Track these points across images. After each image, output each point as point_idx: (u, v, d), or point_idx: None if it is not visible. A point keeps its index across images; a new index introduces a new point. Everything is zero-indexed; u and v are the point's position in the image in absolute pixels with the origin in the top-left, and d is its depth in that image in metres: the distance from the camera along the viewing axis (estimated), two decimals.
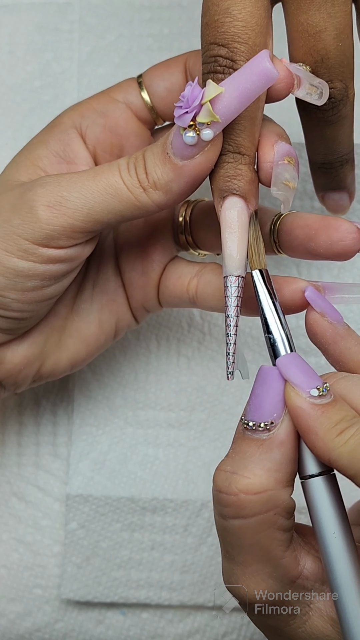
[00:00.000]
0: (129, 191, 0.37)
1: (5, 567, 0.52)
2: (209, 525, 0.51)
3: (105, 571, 0.51)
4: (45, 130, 0.43)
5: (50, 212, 0.37)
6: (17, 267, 0.38)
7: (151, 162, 0.37)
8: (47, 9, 0.53)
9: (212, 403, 0.52)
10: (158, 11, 0.53)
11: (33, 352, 0.43)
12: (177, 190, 0.37)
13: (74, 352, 0.44)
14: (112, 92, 0.43)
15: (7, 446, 0.52)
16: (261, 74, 0.34)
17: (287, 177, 0.37)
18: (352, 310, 0.51)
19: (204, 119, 0.35)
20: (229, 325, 0.37)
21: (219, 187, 0.37)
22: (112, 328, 0.45)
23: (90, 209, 0.37)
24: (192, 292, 0.44)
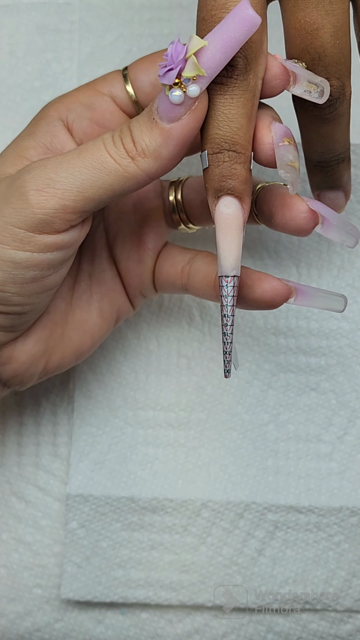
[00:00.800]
0: (116, 163, 0.37)
1: (5, 566, 0.52)
2: (209, 525, 0.51)
3: (105, 571, 0.51)
4: (32, 122, 0.43)
5: (40, 196, 0.37)
6: (14, 258, 0.37)
7: (138, 130, 0.36)
8: (47, 9, 0.54)
9: (211, 403, 0.52)
10: (158, 11, 0.53)
11: (39, 349, 0.43)
12: (166, 155, 0.36)
13: (78, 344, 0.45)
14: (98, 85, 0.43)
15: (7, 446, 0.52)
16: (243, 20, 0.34)
17: (291, 158, 0.37)
18: (352, 311, 0.51)
19: (189, 74, 0.34)
20: (226, 325, 0.38)
21: (213, 186, 0.37)
22: (113, 316, 0.46)
23: (79, 187, 0.37)
24: (184, 279, 0.44)
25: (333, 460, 0.51)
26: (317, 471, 0.51)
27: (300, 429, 0.51)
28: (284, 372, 0.52)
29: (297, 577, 0.50)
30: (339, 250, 0.52)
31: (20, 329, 0.41)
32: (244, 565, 0.51)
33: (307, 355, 0.51)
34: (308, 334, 0.51)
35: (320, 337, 0.51)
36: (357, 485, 0.51)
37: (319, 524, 0.50)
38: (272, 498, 0.51)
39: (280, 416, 0.51)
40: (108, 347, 0.52)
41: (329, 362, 0.51)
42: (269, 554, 0.51)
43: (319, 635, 0.51)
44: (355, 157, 0.51)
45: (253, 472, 0.51)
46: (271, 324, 0.52)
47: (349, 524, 0.50)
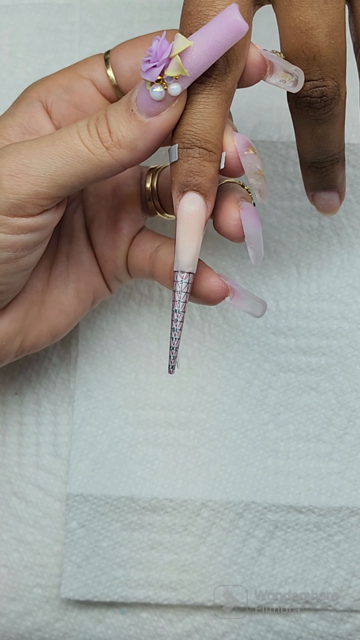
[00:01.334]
0: (90, 152, 0.37)
1: (6, 566, 0.52)
2: (209, 525, 0.51)
3: (105, 570, 0.51)
4: (14, 103, 0.43)
5: (13, 181, 0.37)
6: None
7: (114, 120, 0.36)
8: (47, 9, 0.54)
9: (212, 403, 0.52)
10: (158, 12, 0.53)
11: (14, 327, 0.43)
12: (142, 148, 0.37)
13: (54, 324, 0.45)
14: (78, 68, 0.43)
15: (7, 446, 0.52)
16: (231, 27, 0.34)
17: (258, 166, 0.38)
18: (352, 311, 0.51)
19: (172, 73, 0.35)
20: (176, 320, 0.38)
21: (180, 180, 0.37)
22: (89, 298, 0.46)
23: (52, 174, 0.37)
24: (150, 266, 0.44)
25: (333, 460, 0.51)
26: (317, 471, 0.51)
27: (300, 428, 0.51)
28: (284, 372, 0.52)
29: (297, 576, 0.51)
30: (339, 250, 0.52)
31: None
32: (243, 565, 0.51)
33: (307, 355, 0.52)
34: (308, 333, 0.51)
35: (320, 337, 0.51)
36: (357, 485, 0.51)
37: (318, 524, 0.50)
38: (272, 498, 0.51)
39: (280, 416, 0.51)
40: (108, 347, 0.52)
41: (329, 362, 0.51)
42: (268, 554, 0.51)
43: (319, 634, 0.51)
44: (354, 157, 0.51)
45: (253, 472, 0.51)
46: (271, 324, 0.52)
47: (348, 523, 0.50)
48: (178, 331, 0.38)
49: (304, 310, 0.52)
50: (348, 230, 0.52)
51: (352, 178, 0.52)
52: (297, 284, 0.52)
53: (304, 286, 0.52)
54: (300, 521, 0.51)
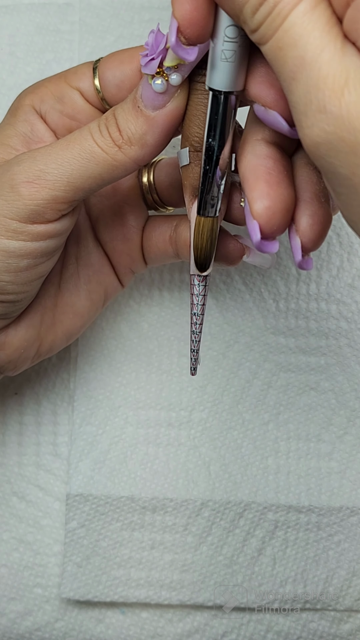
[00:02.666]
0: (104, 152, 0.37)
1: (6, 566, 0.52)
2: (209, 525, 0.51)
3: (105, 570, 0.51)
4: (10, 113, 0.43)
5: (32, 187, 0.37)
6: (8, 248, 0.38)
7: (123, 118, 0.37)
8: (47, 9, 0.54)
9: (212, 402, 0.52)
10: (158, 12, 0.53)
11: (31, 334, 0.43)
12: (152, 142, 0.37)
13: (69, 327, 0.45)
14: (69, 78, 0.43)
15: (7, 446, 0.52)
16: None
17: None
18: (351, 310, 0.51)
19: (170, 63, 0.35)
20: (195, 323, 0.38)
21: (193, 184, 0.37)
22: (101, 297, 0.46)
23: (69, 177, 0.37)
24: (174, 246, 0.45)
25: (333, 459, 0.51)
26: (317, 470, 0.51)
27: (301, 428, 0.51)
28: (284, 372, 0.52)
29: (297, 576, 0.51)
30: (338, 250, 0.52)
31: (13, 316, 0.42)
32: (244, 565, 0.51)
33: (306, 355, 0.52)
34: (307, 333, 0.51)
35: (319, 337, 0.51)
36: (357, 484, 0.51)
37: (319, 524, 0.51)
38: (272, 497, 0.51)
39: (281, 415, 0.51)
40: (109, 347, 0.52)
41: (328, 362, 0.51)
42: (269, 554, 0.51)
43: (319, 634, 0.51)
44: None
45: (253, 472, 0.51)
46: (271, 324, 0.52)
47: (349, 523, 0.50)
48: (198, 334, 0.38)
49: (304, 310, 0.52)
50: (347, 230, 0.52)
51: None
52: (296, 284, 0.52)
53: (303, 286, 0.52)
54: (300, 521, 0.51)
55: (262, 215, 0.34)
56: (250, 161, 0.34)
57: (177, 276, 0.52)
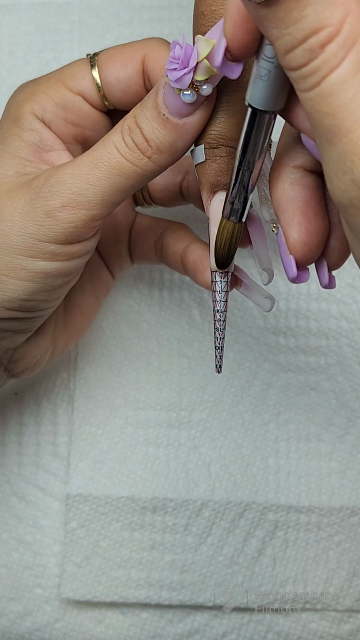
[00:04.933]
0: (134, 165, 0.37)
1: (6, 566, 0.52)
2: (209, 525, 0.51)
3: (105, 570, 0.51)
4: (12, 123, 0.42)
5: (68, 211, 0.37)
6: (46, 269, 0.38)
7: (148, 127, 0.36)
8: (47, 9, 0.54)
9: (212, 402, 0.52)
10: (158, 11, 0.53)
11: (47, 340, 0.44)
12: (182, 148, 0.37)
13: (78, 326, 0.46)
14: (67, 82, 0.42)
15: (7, 446, 0.52)
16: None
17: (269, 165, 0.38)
18: (352, 311, 0.51)
19: (202, 77, 0.34)
20: (219, 320, 0.38)
21: (210, 180, 0.37)
22: (103, 293, 0.47)
23: (102, 195, 0.37)
24: (158, 254, 0.45)
25: (333, 459, 0.51)
26: (317, 471, 0.51)
27: (301, 428, 0.51)
28: (284, 372, 0.52)
29: (297, 576, 0.51)
30: None
31: (36, 328, 0.42)
32: (244, 565, 0.51)
33: (307, 355, 0.52)
34: (308, 333, 0.51)
35: (320, 337, 0.51)
36: (357, 484, 0.51)
37: (319, 524, 0.51)
38: (272, 498, 0.51)
39: (281, 415, 0.51)
40: (109, 347, 0.52)
41: (328, 362, 0.51)
42: (269, 554, 0.51)
43: (319, 634, 0.51)
44: None
45: (253, 472, 0.51)
46: (271, 324, 0.52)
47: (349, 523, 0.50)
48: (222, 330, 0.38)
49: (304, 310, 0.52)
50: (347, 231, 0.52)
51: None
52: (297, 284, 0.52)
53: (303, 286, 0.52)
54: (300, 521, 0.51)
55: (299, 250, 0.34)
56: (287, 190, 0.34)
57: (177, 276, 0.52)
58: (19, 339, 0.41)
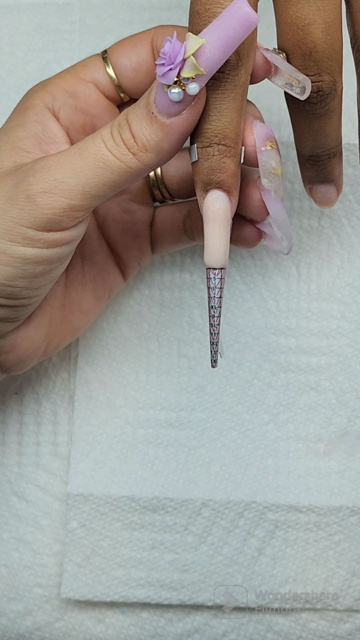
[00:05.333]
0: (118, 160, 0.37)
1: (6, 566, 0.52)
2: (209, 524, 0.51)
3: (106, 570, 0.51)
4: (19, 113, 0.43)
5: (48, 197, 0.37)
6: (25, 255, 0.38)
7: (137, 124, 0.37)
8: (47, 9, 0.54)
9: (212, 403, 0.52)
10: (158, 12, 0.53)
11: (40, 334, 0.44)
12: (168, 148, 0.37)
13: (76, 324, 0.46)
14: (79, 72, 0.43)
15: (7, 445, 0.52)
16: (241, 20, 0.34)
17: (274, 164, 0.38)
18: (352, 310, 0.51)
19: (188, 74, 0.34)
20: (214, 316, 0.38)
21: (202, 179, 0.37)
22: (106, 294, 0.47)
23: (84, 186, 0.37)
24: (189, 232, 0.46)
25: (333, 459, 0.51)
26: (317, 470, 0.51)
27: (300, 428, 0.51)
28: (284, 372, 0.52)
29: (297, 576, 0.51)
30: (339, 250, 0.52)
31: (22, 318, 0.42)
32: (244, 565, 0.51)
33: (307, 355, 0.52)
34: (308, 333, 0.51)
35: (320, 337, 0.51)
36: (356, 484, 0.51)
37: (319, 523, 0.51)
38: (272, 497, 0.51)
39: (280, 415, 0.51)
40: (109, 347, 0.52)
41: (329, 362, 0.51)
42: (269, 553, 0.51)
43: (319, 634, 0.51)
44: (354, 157, 0.52)
45: (253, 472, 0.51)
46: (271, 324, 0.52)
47: (348, 523, 0.50)
48: (216, 326, 0.38)
49: (304, 310, 0.52)
50: (348, 230, 0.52)
51: (352, 178, 0.52)
52: (297, 284, 0.52)
53: (304, 286, 0.52)
54: (300, 521, 0.51)
55: None
56: None
57: (177, 276, 0.52)
58: (4, 327, 0.41)
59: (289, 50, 0.37)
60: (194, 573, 0.51)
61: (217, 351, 0.39)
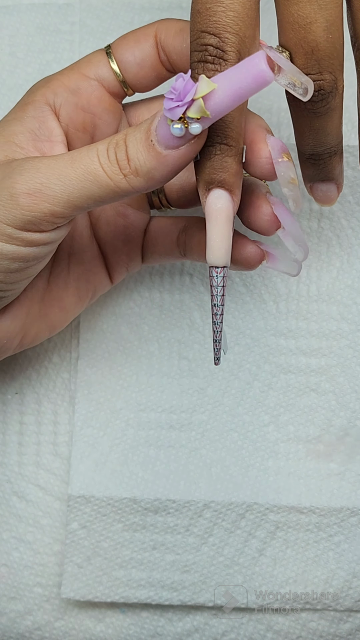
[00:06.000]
0: (108, 178, 0.37)
1: (6, 565, 0.52)
2: (211, 525, 0.51)
3: (106, 571, 0.51)
4: (19, 107, 0.43)
5: (31, 199, 0.37)
6: (1, 250, 0.38)
7: (134, 148, 0.36)
8: (47, 10, 0.53)
9: (212, 405, 0.52)
10: (158, 12, 0.53)
11: (16, 325, 0.43)
12: (158, 177, 0.37)
13: (54, 321, 0.45)
14: (83, 68, 0.43)
15: (8, 445, 0.52)
16: (257, 76, 0.34)
17: (292, 175, 0.38)
18: (351, 312, 0.52)
19: (194, 115, 0.34)
20: (216, 314, 0.38)
21: (204, 178, 0.37)
22: (88, 295, 0.47)
23: (69, 195, 0.37)
24: (181, 247, 0.46)
25: (333, 461, 0.51)
26: (317, 472, 0.51)
27: (301, 429, 0.51)
28: (284, 373, 0.52)
29: (297, 577, 0.51)
30: (338, 251, 0.52)
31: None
32: (244, 565, 0.51)
33: (307, 356, 0.52)
34: (308, 335, 0.52)
35: (320, 338, 0.52)
36: (357, 485, 0.51)
37: (319, 524, 0.51)
38: (273, 499, 0.51)
39: (281, 417, 0.52)
40: (109, 349, 0.52)
41: (329, 363, 0.51)
42: (269, 554, 0.51)
43: (319, 634, 0.51)
44: (354, 159, 0.52)
45: (254, 473, 0.51)
46: (271, 325, 0.52)
47: (349, 524, 0.51)
48: (219, 324, 0.39)
49: (304, 311, 0.52)
50: (348, 231, 0.52)
51: (351, 180, 0.52)
52: (296, 286, 0.52)
53: (303, 287, 0.52)
54: (301, 522, 0.51)
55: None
56: None
57: (177, 279, 0.52)
58: None
59: (291, 49, 0.37)
60: (195, 574, 0.51)
61: (220, 349, 0.39)
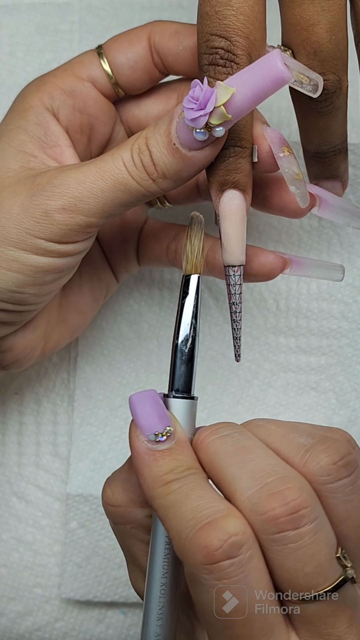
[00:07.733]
0: (138, 185, 0.38)
1: (6, 566, 0.52)
2: None
3: (106, 570, 0.51)
4: (18, 114, 0.43)
5: (67, 215, 0.38)
6: (37, 263, 0.39)
7: (158, 153, 0.37)
8: (47, 9, 0.54)
9: (211, 403, 0.52)
10: (158, 12, 0.53)
11: (37, 334, 0.44)
12: (186, 177, 0.38)
13: (73, 325, 0.46)
14: (76, 70, 0.43)
15: (7, 446, 0.52)
16: (275, 76, 0.35)
17: (295, 170, 0.39)
18: (352, 310, 0.51)
19: (217, 121, 0.35)
20: (235, 312, 0.39)
21: (218, 180, 0.38)
22: (102, 294, 0.47)
23: (103, 206, 0.38)
24: (171, 256, 0.46)
25: None
26: None
27: None
28: (284, 372, 0.52)
29: None
30: (339, 250, 0.52)
31: (24, 322, 0.42)
32: None
33: (307, 355, 0.52)
34: (308, 333, 0.51)
35: (320, 337, 0.51)
36: None
37: None
38: None
39: (280, 415, 0.51)
40: (109, 347, 0.52)
41: (329, 362, 0.51)
42: None
43: None
44: (355, 157, 0.52)
45: None
46: (271, 324, 0.52)
47: None
48: (239, 322, 0.39)
49: (304, 309, 0.52)
50: (348, 230, 0.52)
51: (352, 178, 0.52)
52: (297, 284, 0.52)
53: (304, 286, 0.52)
54: None
55: None
56: None
57: (177, 276, 0.52)
58: (6, 330, 0.41)
59: (294, 49, 0.37)
60: None
61: (240, 345, 0.40)
